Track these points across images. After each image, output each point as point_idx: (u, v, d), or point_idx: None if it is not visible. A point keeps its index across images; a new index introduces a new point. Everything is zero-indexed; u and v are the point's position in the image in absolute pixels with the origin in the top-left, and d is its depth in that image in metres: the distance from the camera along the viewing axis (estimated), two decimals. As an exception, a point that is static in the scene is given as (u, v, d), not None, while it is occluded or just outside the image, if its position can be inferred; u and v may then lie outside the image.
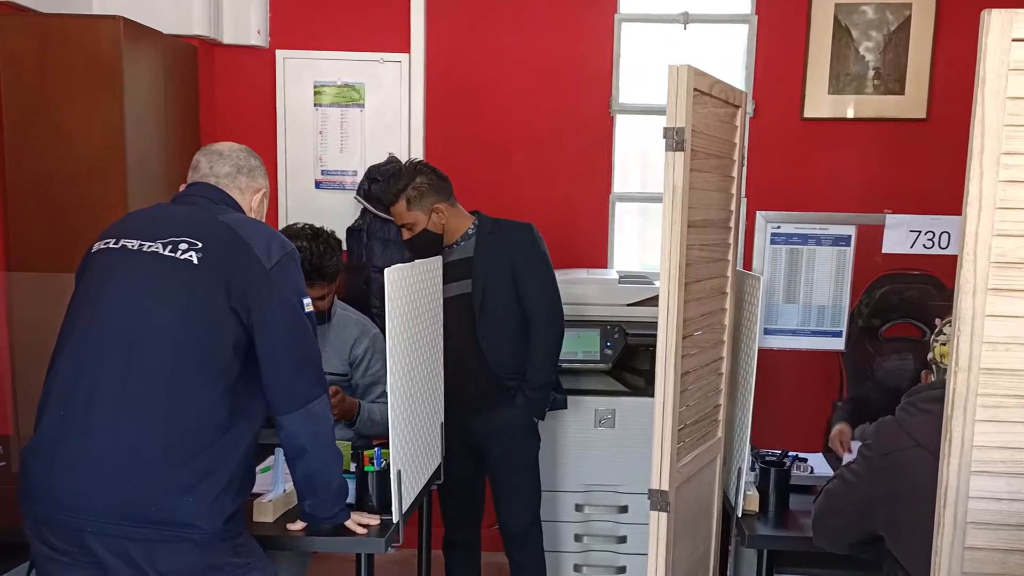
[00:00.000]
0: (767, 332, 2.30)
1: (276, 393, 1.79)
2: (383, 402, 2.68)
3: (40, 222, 2.95)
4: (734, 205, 2.10)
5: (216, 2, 3.64)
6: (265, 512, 2.06)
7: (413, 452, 2.21)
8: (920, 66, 3.48)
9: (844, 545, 1.85)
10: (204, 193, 1.89)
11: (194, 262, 1.72)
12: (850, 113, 3.57)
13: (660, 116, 3.66)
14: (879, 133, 3.56)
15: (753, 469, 2.27)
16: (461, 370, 2.66)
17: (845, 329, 2.31)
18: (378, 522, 2.03)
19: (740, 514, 2.15)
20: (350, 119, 3.83)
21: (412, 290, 2.20)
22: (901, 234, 2.19)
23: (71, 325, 1.77)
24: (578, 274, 3.33)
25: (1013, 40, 1.20)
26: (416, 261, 2.32)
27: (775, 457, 2.31)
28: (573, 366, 3.09)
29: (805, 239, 2.25)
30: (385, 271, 2.01)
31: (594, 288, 3.19)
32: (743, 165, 2.16)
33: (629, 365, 3.25)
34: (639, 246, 3.91)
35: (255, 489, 1.95)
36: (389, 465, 2.11)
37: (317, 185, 3.86)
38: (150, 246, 1.75)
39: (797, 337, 2.31)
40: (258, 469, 2.02)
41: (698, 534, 2.11)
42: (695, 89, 1.79)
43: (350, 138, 3.84)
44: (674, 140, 1.75)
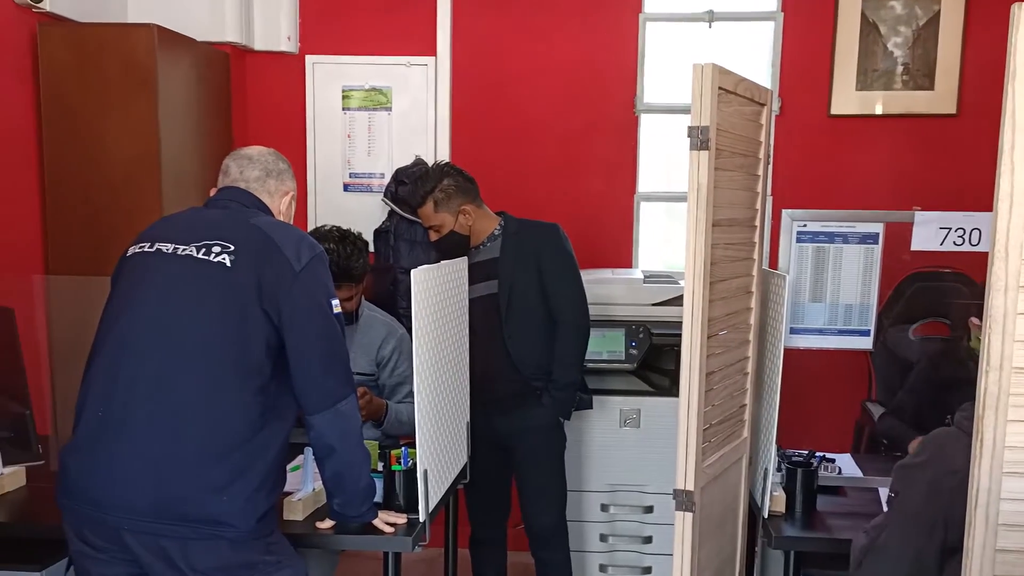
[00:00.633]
0: (793, 331, 2.29)
1: (305, 393, 1.81)
2: (410, 402, 2.70)
3: (78, 226, 3.01)
4: (759, 204, 2.09)
5: (247, 9, 3.70)
6: (295, 510, 2.09)
7: (440, 451, 2.23)
8: (950, 61, 3.43)
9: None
10: (235, 197, 1.92)
11: (227, 264, 1.76)
12: (878, 109, 3.53)
13: (685, 115, 3.67)
14: (908, 129, 3.51)
15: (779, 470, 2.25)
16: (487, 370, 2.67)
17: (873, 328, 2.29)
18: (405, 521, 2.04)
19: (767, 515, 2.13)
20: (377, 122, 3.86)
21: (438, 291, 2.21)
22: (931, 231, 2.16)
23: (107, 328, 1.80)
24: (603, 274, 3.33)
25: (1042, 35, 1.18)
26: (442, 262, 2.34)
27: (802, 457, 2.29)
28: (598, 366, 3.08)
29: (832, 237, 2.23)
30: (411, 272, 2.03)
31: (619, 288, 3.19)
32: (768, 163, 2.14)
33: (654, 365, 3.24)
34: (664, 246, 3.90)
35: (285, 488, 1.97)
36: (416, 464, 2.13)
37: (345, 188, 3.90)
38: (184, 249, 1.79)
39: (824, 336, 2.29)
40: (288, 468, 2.05)
41: (724, 535, 2.10)
42: (720, 87, 1.79)
43: (377, 141, 3.87)
44: (698, 139, 1.75)
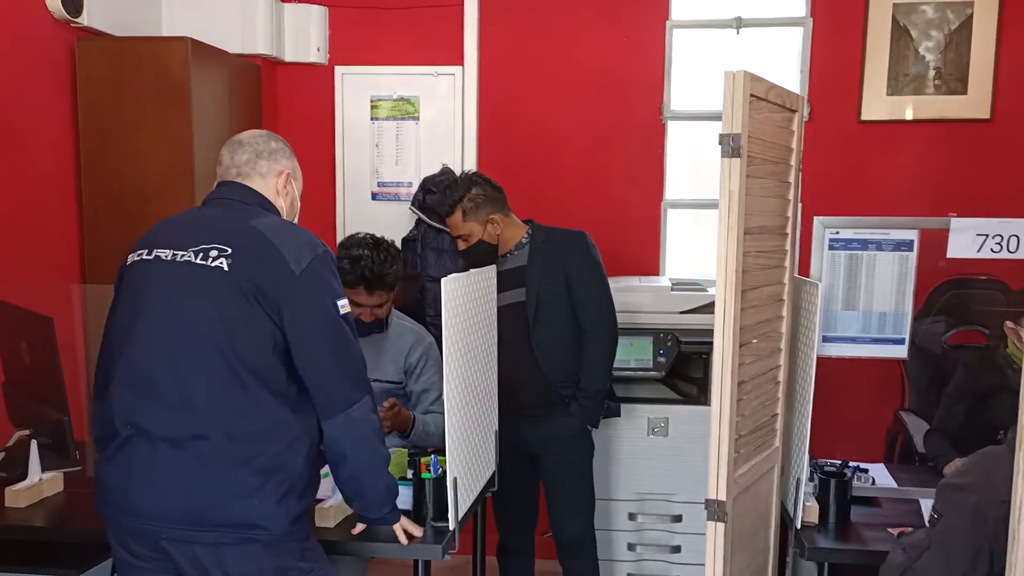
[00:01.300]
0: (825, 339, 2.26)
1: (315, 397, 1.78)
2: (436, 411, 2.71)
3: (114, 236, 3.06)
4: (791, 211, 2.07)
5: (278, 22, 3.75)
6: (326, 517, 2.10)
7: (469, 459, 2.23)
8: (983, 65, 3.39)
9: None
10: (232, 194, 1.87)
11: (224, 268, 1.72)
12: (909, 115, 3.49)
13: (712, 122, 3.69)
14: (940, 134, 3.47)
15: (811, 479, 2.23)
16: (515, 378, 2.67)
17: (908, 336, 2.26)
18: (421, 534, 2.02)
19: (799, 525, 2.11)
20: (405, 131, 3.89)
21: (467, 299, 2.22)
22: (967, 238, 2.13)
23: (119, 340, 1.78)
24: (630, 282, 3.33)
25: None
26: (471, 271, 2.35)
27: (835, 467, 2.27)
28: (626, 374, 3.08)
29: (865, 244, 2.20)
30: (441, 281, 2.03)
31: (647, 296, 3.18)
32: (799, 170, 2.13)
33: (682, 373, 3.23)
34: (691, 253, 3.88)
35: (317, 495, 1.96)
36: (445, 472, 2.13)
37: (373, 197, 3.94)
38: (182, 255, 1.76)
39: (857, 345, 2.26)
40: (320, 473, 2.05)
41: (756, 545, 2.08)
42: (751, 94, 1.78)
43: (405, 150, 3.90)
44: (730, 146, 1.75)
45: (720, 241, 1.77)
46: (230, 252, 1.74)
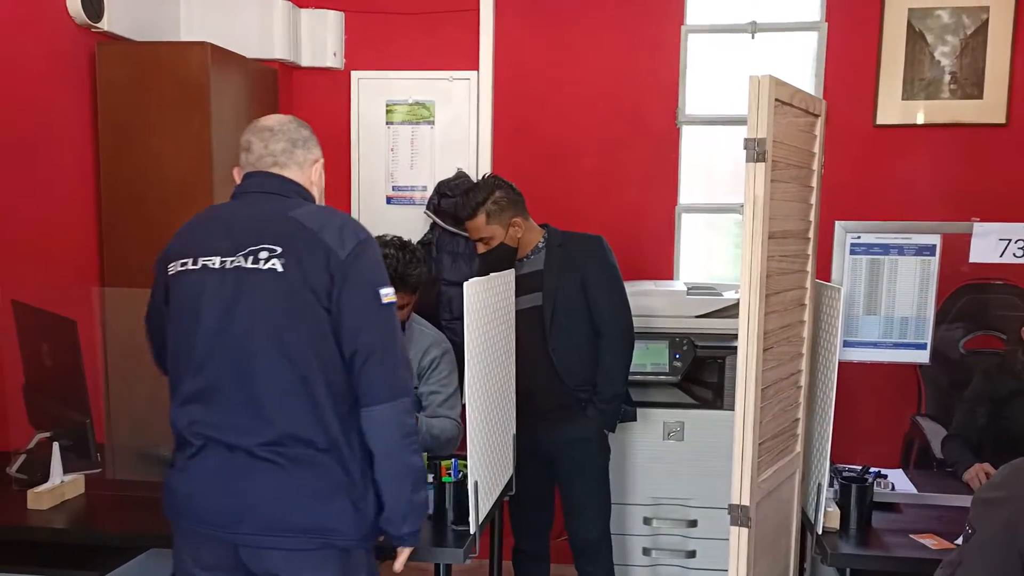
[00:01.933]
0: (846, 344, 2.26)
1: (356, 385, 1.73)
2: (443, 415, 2.70)
3: (134, 240, 3.07)
4: (812, 215, 2.07)
5: (295, 27, 3.77)
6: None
7: (489, 463, 2.23)
8: (999, 70, 3.39)
9: None
10: (270, 186, 1.81)
11: (278, 270, 1.69)
12: (925, 119, 3.48)
13: (726, 127, 3.69)
14: (955, 139, 3.47)
15: (832, 485, 2.23)
16: (532, 382, 2.67)
17: (930, 341, 2.25)
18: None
19: (821, 531, 2.11)
20: (420, 136, 3.91)
21: (489, 303, 2.23)
22: (990, 243, 2.12)
23: (182, 355, 1.75)
24: (645, 286, 3.33)
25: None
26: (492, 274, 2.36)
27: (855, 473, 2.26)
28: (642, 378, 3.08)
29: (887, 249, 2.20)
30: (464, 284, 2.04)
31: (662, 300, 3.18)
32: (821, 175, 2.13)
33: (697, 378, 3.23)
34: (705, 257, 3.88)
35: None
36: (466, 476, 2.14)
37: (388, 201, 3.95)
38: (232, 261, 1.71)
39: (878, 350, 2.26)
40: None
41: (778, 551, 2.08)
42: (776, 99, 1.78)
43: (420, 154, 3.91)
44: (755, 151, 1.75)
45: (745, 245, 1.77)
46: (280, 251, 1.70)
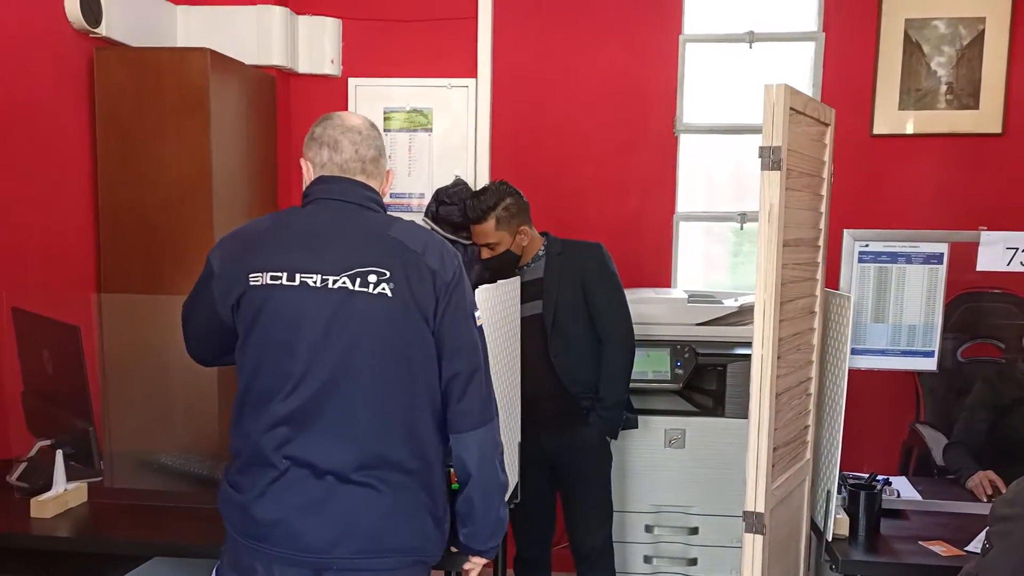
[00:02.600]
0: (854, 352, 2.27)
1: (451, 410, 1.71)
2: None
3: (134, 245, 3.06)
4: (823, 224, 2.09)
5: (293, 33, 3.76)
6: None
7: (498, 471, 2.22)
8: (995, 80, 3.43)
9: None
10: (355, 197, 1.72)
11: (388, 295, 1.63)
12: (921, 129, 3.52)
13: (724, 136, 3.71)
14: (952, 148, 3.50)
15: (839, 492, 2.23)
16: (534, 389, 2.67)
17: (937, 349, 2.27)
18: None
19: (831, 538, 2.12)
20: (418, 143, 3.90)
21: (498, 310, 2.23)
22: (997, 251, 2.15)
23: (274, 380, 1.66)
24: (646, 293, 3.34)
25: None
26: (500, 281, 2.36)
27: (863, 480, 2.27)
28: (643, 385, 3.08)
29: (895, 257, 2.22)
30: (475, 291, 2.04)
31: (663, 307, 3.19)
32: (831, 183, 2.15)
33: (697, 385, 3.23)
34: (703, 265, 3.90)
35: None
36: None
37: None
38: (336, 281, 1.62)
39: (886, 357, 2.28)
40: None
41: (789, 558, 2.08)
42: (790, 108, 1.80)
43: (418, 161, 3.91)
44: (770, 159, 1.76)
45: (761, 253, 1.78)
46: (389, 276, 1.63)
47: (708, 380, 3.21)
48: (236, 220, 3.12)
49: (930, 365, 2.26)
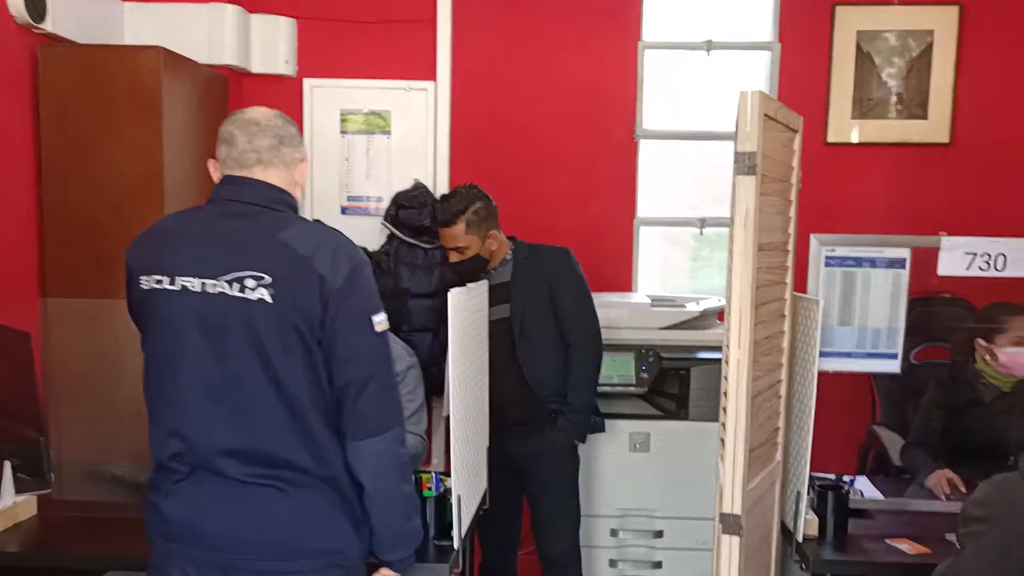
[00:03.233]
0: (821, 355, 2.30)
1: (343, 417, 1.66)
2: (409, 431, 2.64)
3: (82, 248, 2.94)
4: (792, 228, 2.12)
5: (246, 32, 3.68)
6: None
7: (469, 477, 2.20)
8: (942, 91, 3.53)
9: None
10: (256, 197, 1.69)
11: (268, 300, 1.59)
12: (873, 138, 3.61)
13: (683, 141, 3.75)
14: (903, 157, 3.60)
15: (808, 493, 2.26)
16: (502, 394, 2.66)
17: (901, 351, 2.33)
18: None
19: (801, 538, 2.14)
20: (376, 146, 3.85)
21: (470, 314, 2.20)
22: (957, 256, 2.21)
23: (162, 383, 1.67)
24: (609, 297, 3.34)
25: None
26: (468, 285, 2.33)
27: (830, 481, 2.31)
28: (608, 390, 3.09)
29: (860, 262, 2.27)
30: (449, 294, 2.02)
31: (627, 312, 3.21)
32: (799, 188, 2.18)
33: (661, 389, 3.25)
34: (662, 270, 3.93)
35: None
36: (447, 490, 2.11)
37: (343, 211, 3.87)
38: (215, 285, 1.61)
39: (852, 360, 2.32)
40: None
41: (762, 559, 2.10)
42: (764, 114, 1.82)
43: (376, 164, 3.85)
44: (746, 164, 1.77)
45: (736, 257, 1.80)
46: (270, 281, 1.60)
47: (672, 384, 3.23)
48: (190, 223, 3.04)
49: (894, 367, 2.32)
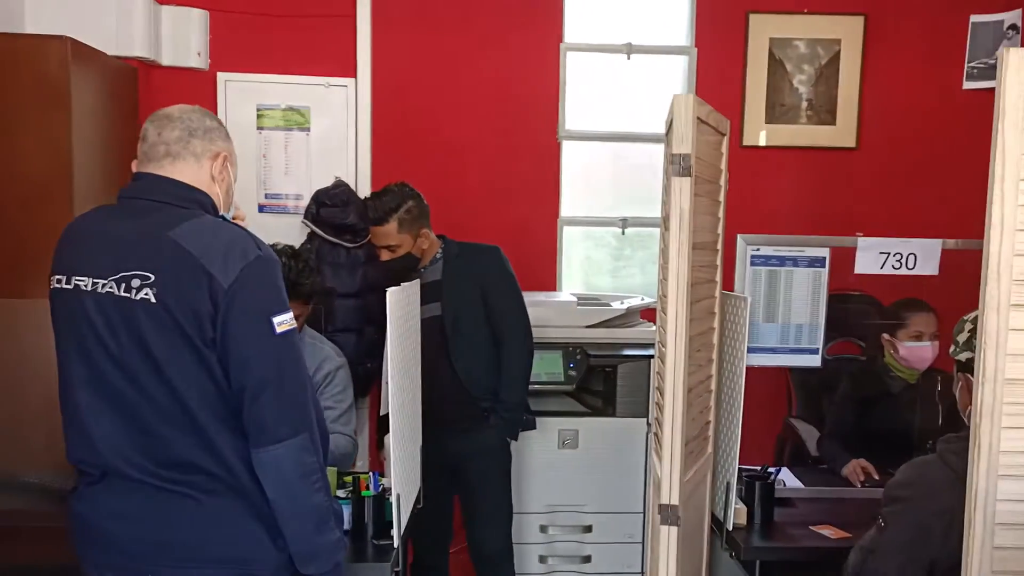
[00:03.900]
0: (748, 350, 2.39)
1: (245, 424, 1.59)
2: (337, 431, 2.62)
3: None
4: (720, 228, 2.19)
5: (155, 23, 3.54)
6: None
7: (407, 476, 2.19)
8: (849, 98, 3.71)
9: None
10: (154, 193, 1.64)
11: (152, 300, 1.55)
12: (786, 142, 3.76)
13: (604, 143, 3.81)
14: (813, 160, 3.76)
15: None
16: (435, 392, 2.66)
17: (821, 347, 2.44)
18: None
19: (731, 527, 2.22)
20: (295, 142, 3.77)
21: (406, 312, 2.19)
22: (872, 256, 2.33)
23: (65, 379, 1.66)
24: (536, 296, 3.37)
25: (1029, 78, 1.31)
26: (404, 284, 2.31)
27: (756, 472, 2.40)
28: (537, 387, 3.11)
29: (783, 261, 2.36)
30: (387, 292, 2.01)
31: (553, 310, 3.24)
32: (727, 190, 2.26)
33: (587, 387, 3.30)
34: (584, 269, 3.99)
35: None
36: (384, 489, 2.09)
37: (260, 209, 3.77)
38: (104, 285, 1.58)
39: (777, 355, 2.42)
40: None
41: (695, 548, 2.16)
42: (697, 117, 1.87)
43: (294, 161, 3.77)
44: (681, 166, 1.82)
45: (672, 257, 1.84)
46: (153, 280, 1.55)
47: (599, 381, 3.29)
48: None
49: (815, 361, 2.42)
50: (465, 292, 2.75)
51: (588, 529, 3.22)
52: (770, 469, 2.41)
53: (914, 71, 3.73)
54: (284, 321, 1.61)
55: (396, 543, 2.03)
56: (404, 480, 2.11)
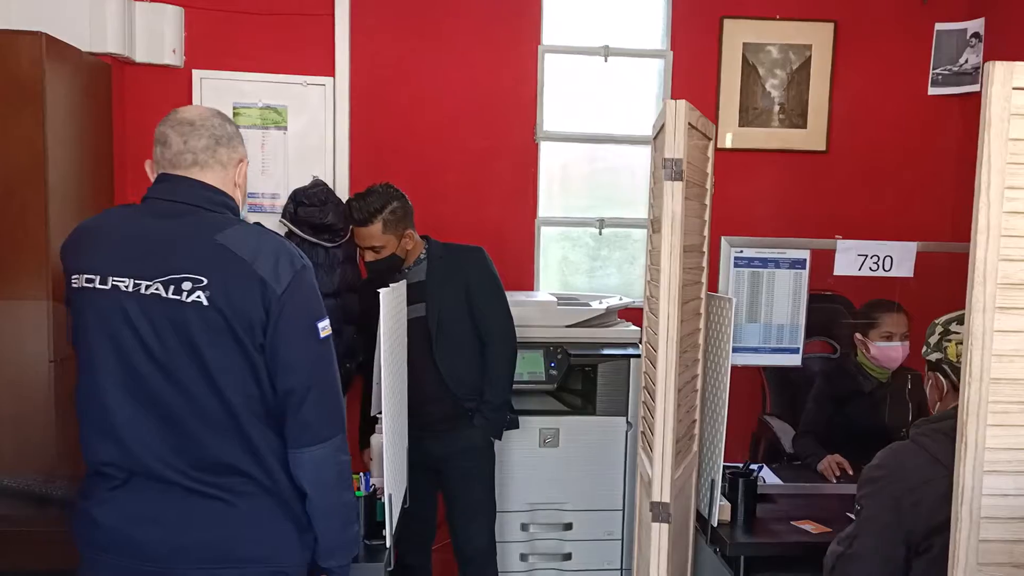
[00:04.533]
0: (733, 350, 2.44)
1: (287, 425, 1.65)
2: None
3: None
4: (706, 231, 2.23)
5: (130, 19, 3.50)
6: None
7: (396, 476, 2.20)
8: (820, 102, 3.80)
9: None
10: (193, 197, 1.65)
11: (203, 303, 1.56)
12: (759, 145, 3.83)
13: (582, 144, 3.85)
14: (785, 163, 3.84)
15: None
16: (420, 393, 2.67)
17: (802, 346, 2.50)
18: None
19: (715, 523, 2.26)
20: (272, 141, 3.74)
21: (396, 312, 2.20)
22: (850, 258, 2.40)
23: (93, 386, 1.63)
24: (516, 296, 3.39)
25: (1014, 88, 1.37)
26: (392, 285, 2.32)
27: (738, 469, 2.45)
28: (518, 387, 3.13)
29: (765, 262, 2.42)
30: (380, 293, 2.02)
31: (534, 310, 3.27)
32: (712, 193, 2.30)
33: (567, 386, 3.34)
34: (562, 270, 4.02)
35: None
36: (375, 489, 2.10)
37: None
38: (148, 287, 1.57)
39: (759, 354, 2.48)
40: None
41: (682, 545, 2.21)
42: (687, 123, 1.91)
43: (272, 160, 3.75)
44: (672, 171, 1.86)
45: (664, 259, 1.88)
46: (205, 283, 1.57)
47: (578, 380, 3.32)
48: (72, 217, 2.90)
49: (795, 361, 2.49)
50: (449, 293, 2.76)
51: (568, 527, 3.25)
52: (752, 466, 2.46)
53: (881, 77, 3.83)
54: (326, 327, 1.69)
55: (388, 543, 2.04)
56: (393, 481, 2.12)
